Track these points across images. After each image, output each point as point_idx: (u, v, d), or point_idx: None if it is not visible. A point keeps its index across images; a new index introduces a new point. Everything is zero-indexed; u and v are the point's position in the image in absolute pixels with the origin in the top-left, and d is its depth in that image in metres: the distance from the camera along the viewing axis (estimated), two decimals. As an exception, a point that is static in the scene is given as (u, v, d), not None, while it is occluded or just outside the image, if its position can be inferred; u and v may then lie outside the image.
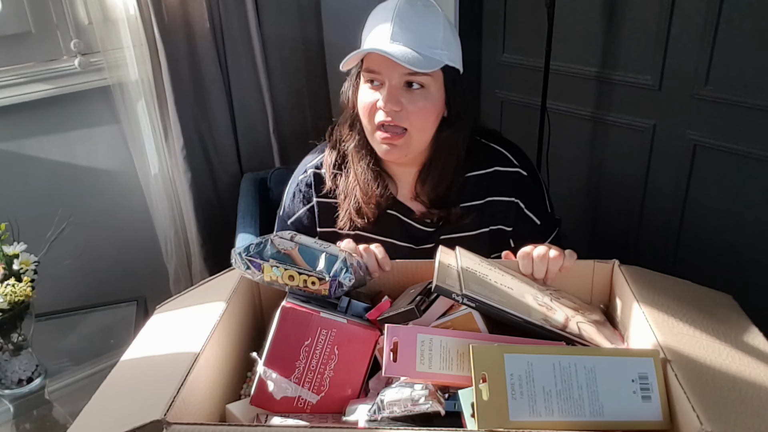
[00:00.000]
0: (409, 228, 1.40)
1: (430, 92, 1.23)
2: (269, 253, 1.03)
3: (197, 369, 0.92)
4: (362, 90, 1.27)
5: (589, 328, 0.99)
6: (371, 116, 1.25)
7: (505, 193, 1.35)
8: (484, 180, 1.36)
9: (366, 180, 1.35)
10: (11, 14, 1.93)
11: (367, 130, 1.30)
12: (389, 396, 0.86)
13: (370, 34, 1.24)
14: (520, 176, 1.36)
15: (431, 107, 1.25)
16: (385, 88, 1.22)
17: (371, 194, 1.35)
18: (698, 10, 1.90)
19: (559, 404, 0.81)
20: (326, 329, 0.98)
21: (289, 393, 0.97)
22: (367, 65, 1.24)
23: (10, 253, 1.55)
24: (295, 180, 1.46)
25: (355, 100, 1.31)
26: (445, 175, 1.33)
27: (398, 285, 1.18)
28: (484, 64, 2.61)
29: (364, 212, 1.36)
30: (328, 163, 1.41)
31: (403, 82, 1.22)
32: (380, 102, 1.22)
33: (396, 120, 1.22)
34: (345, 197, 1.38)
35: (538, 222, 1.37)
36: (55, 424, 1.54)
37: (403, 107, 1.22)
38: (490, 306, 0.93)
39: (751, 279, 2.03)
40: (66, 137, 2.09)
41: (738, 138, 1.93)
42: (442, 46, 1.22)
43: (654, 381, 0.84)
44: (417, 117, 1.23)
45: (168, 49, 2.02)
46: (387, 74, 1.21)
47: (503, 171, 1.36)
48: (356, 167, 1.36)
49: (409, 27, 1.20)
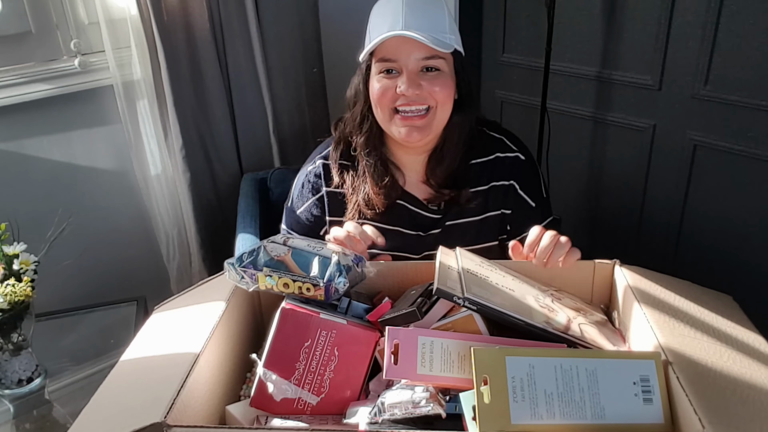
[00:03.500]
0: (416, 216, 1.42)
1: (445, 74, 1.28)
2: (263, 261, 1.03)
3: (197, 370, 0.92)
4: (376, 80, 1.30)
5: (591, 330, 0.99)
6: (389, 103, 1.29)
7: (504, 177, 1.40)
8: (486, 166, 1.40)
9: (376, 173, 1.38)
10: (11, 14, 1.92)
11: (383, 118, 1.32)
12: (390, 398, 0.86)
13: (379, 25, 1.26)
14: (518, 160, 1.41)
15: (450, 84, 1.30)
16: (403, 75, 1.26)
17: (381, 186, 1.38)
18: (698, 10, 1.91)
19: (561, 407, 0.81)
20: (326, 330, 0.98)
21: (289, 394, 0.97)
22: (382, 54, 1.27)
23: (10, 253, 1.55)
24: (304, 171, 1.48)
25: (367, 93, 1.34)
26: (454, 156, 1.38)
27: (398, 286, 1.18)
28: (484, 64, 2.61)
29: (374, 204, 1.38)
30: (334, 158, 1.43)
31: (420, 67, 1.26)
32: (400, 88, 1.26)
33: (419, 101, 1.27)
34: (353, 190, 1.41)
35: (533, 204, 1.41)
36: (55, 424, 1.54)
37: (423, 88, 1.26)
38: (492, 309, 0.93)
39: (751, 279, 2.03)
40: (66, 137, 2.09)
41: (738, 138, 1.93)
42: (449, 30, 1.27)
43: (655, 383, 0.84)
44: (439, 93, 1.28)
45: (168, 49, 2.01)
46: (404, 60, 1.25)
47: (503, 157, 1.41)
48: (367, 161, 1.39)
49: (420, 14, 1.24)
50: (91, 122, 2.13)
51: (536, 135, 2.30)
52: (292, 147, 2.42)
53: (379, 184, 1.38)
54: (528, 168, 1.42)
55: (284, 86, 2.35)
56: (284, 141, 2.39)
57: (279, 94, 2.33)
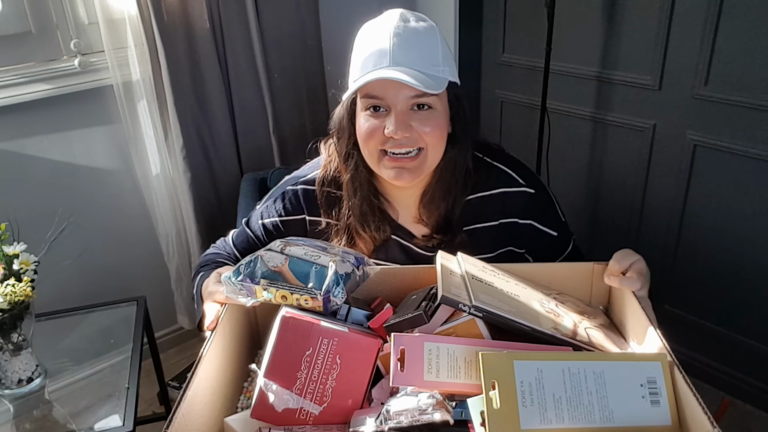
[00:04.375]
0: (410, 251, 1.34)
1: (438, 111, 1.17)
2: (260, 273, 1.00)
3: (196, 382, 0.91)
4: (362, 118, 1.18)
5: (597, 334, 0.99)
6: (376, 143, 1.18)
7: (516, 215, 1.30)
8: (491, 201, 1.29)
9: (361, 215, 1.29)
10: (11, 14, 1.92)
11: (370, 157, 1.21)
12: (395, 406, 0.85)
13: (365, 58, 1.15)
14: (527, 195, 1.29)
15: (442, 123, 1.18)
16: (391, 115, 1.14)
17: (367, 229, 1.29)
18: (698, 10, 1.91)
19: (570, 411, 0.81)
20: (328, 338, 0.96)
21: (291, 404, 0.95)
22: (367, 91, 1.15)
23: (10, 253, 1.55)
24: (282, 188, 1.38)
25: (352, 129, 1.22)
26: (449, 195, 1.27)
27: (397, 291, 1.15)
28: (484, 64, 2.61)
29: (360, 246, 1.31)
30: (320, 184, 1.33)
31: (410, 105, 1.14)
32: (388, 130, 1.14)
33: (408, 144, 1.16)
34: (337, 227, 1.32)
35: (555, 234, 1.32)
36: (55, 424, 1.54)
37: (414, 130, 1.15)
38: (500, 316, 0.92)
39: (750, 279, 2.03)
40: (66, 137, 2.09)
41: (738, 138, 1.93)
42: (443, 62, 1.15)
43: (662, 385, 0.84)
44: (430, 135, 1.16)
45: (168, 49, 2.01)
46: (392, 99, 1.13)
47: (510, 192, 1.29)
48: (352, 201, 1.29)
49: (410, 45, 1.12)
50: (91, 122, 2.12)
51: (536, 135, 2.30)
52: (292, 147, 2.42)
53: (364, 227, 1.29)
54: (541, 200, 1.31)
55: (284, 86, 2.35)
56: (284, 141, 2.39)
57: (279, 94, 2.33)
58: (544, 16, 2.10)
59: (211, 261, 1.38)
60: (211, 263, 1.37)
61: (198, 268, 1.37)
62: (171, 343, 2.56)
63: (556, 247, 1.32)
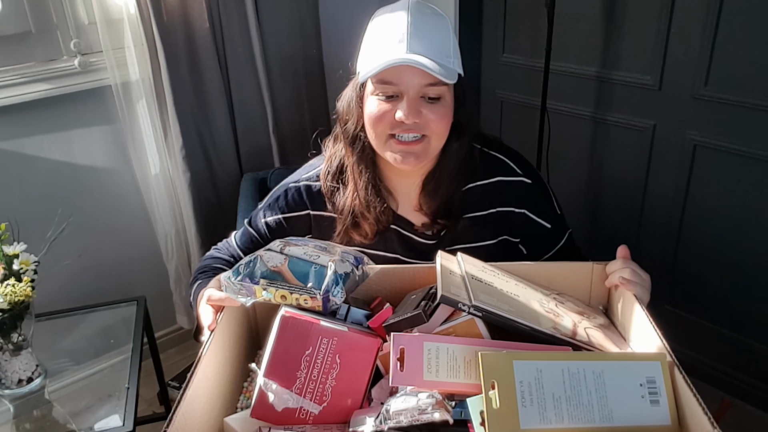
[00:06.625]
0: (409, 241, 1.36)
1: (446, 101, 1.19)
2: (259, 273, 1.01)
3: (195, 382, 0.91)
4: (371, 101, 1.20)
5: (597, 334, 0.99)
6: (384, 127, 1.20)
7: (511, 203, 1.32)
8: (487, 190, 1.32)
9: (367, 196, 1.30)
10: (11, 14, 1.92)
11: (377, 140, 1.23)
12: (395, 405, 0.85)
13: (381, 43, 1.17)
14: (524, 185, 1.32)
15: (448, 113, 1.21)
16: (403, 101, 1.16)
17: (372, 211, 1.30)
18: (698, 10, 1.91)
19: (569, 411, 0.81)
20: (327, 338, 0.96)
21: (291, 404, 0.95)
22: (381, 76, 1.16)
23: (10, 253, 1.55)
24: (284, 186, 1.40)
25: (360, 112, 1.24)
26: (449, 184, 1.30)
27: (396, 291, 1.16)
28: (484, 64, 2.62)
29: (364, 230, 1.33)
30: (325, 178, 1.35)
31: (421, 93, 1.17)
32: (399, 114, 1.16)
33: (416, 130, 1.18)
34: (341, 213, 1.33)
35: (549, 225, 1.34)
36: (55, 424, 1.54)
37: (423, 117, 1.17)
38: (499, 316, 0.93)
39: (750, 278, 2.03)
40: (66, 137, 2.09)
41: (738, 138, 1.93)
42: (453, 54, 1.19)
43: (662, 385, 0.84)
44: (437, 124, 1.19)
45: (167, 49, 2.01)
46: (405, 85, 1.15)
47: (507, 181, 1.32)
48: (357, 183, 1.30)
49: (426, 34, 1.15)
50: (90, 122, 2.12)
51: (536, 135, 2.30)
52: (292, 147, 2.42)
53: (368, 208, 1.30)
54: (537, 191, 1.33)
55: (284, 86, 2.35)
56: (284, 141, 2.39)
57: (279, 94, 2.33)
58: (544, 16, 2.10)
59: (209, 267, 1.39)
60: (208, 269, 1.38)
61: (196, 273, 1.38)
62: (171, 343, 2.56)
63: (548, 238, 1.34)
